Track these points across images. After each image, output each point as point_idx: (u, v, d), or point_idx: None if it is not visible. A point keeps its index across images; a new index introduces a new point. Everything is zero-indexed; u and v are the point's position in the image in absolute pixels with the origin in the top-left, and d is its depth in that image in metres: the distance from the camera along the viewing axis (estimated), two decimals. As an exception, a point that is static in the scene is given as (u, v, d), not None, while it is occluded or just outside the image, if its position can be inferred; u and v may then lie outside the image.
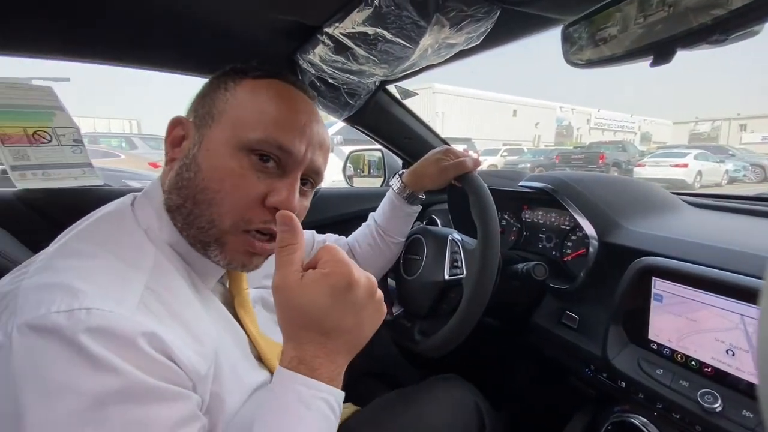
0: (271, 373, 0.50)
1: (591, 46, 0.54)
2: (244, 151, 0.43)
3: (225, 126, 0.44)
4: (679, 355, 0.59)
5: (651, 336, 0.62)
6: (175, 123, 0.48)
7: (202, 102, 0.47)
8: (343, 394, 0.40)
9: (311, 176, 0.50)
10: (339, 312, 0.38)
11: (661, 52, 0.45)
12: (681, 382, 0.57)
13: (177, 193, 0.44)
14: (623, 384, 0.66)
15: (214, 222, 0.43)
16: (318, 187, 0.54)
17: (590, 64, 0.56)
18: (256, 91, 0.46)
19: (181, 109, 0.51)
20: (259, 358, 0.50)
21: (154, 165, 5.57)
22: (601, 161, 12.10)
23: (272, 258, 0.46)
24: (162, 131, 0.49)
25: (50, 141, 0.89)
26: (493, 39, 0.63)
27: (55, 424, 0.28)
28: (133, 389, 0.31)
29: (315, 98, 0.52)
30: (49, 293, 0.32)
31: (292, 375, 0.37)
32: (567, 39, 0.58)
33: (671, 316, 0.60)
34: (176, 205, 0.44)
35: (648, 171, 10.42)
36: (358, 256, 0.84)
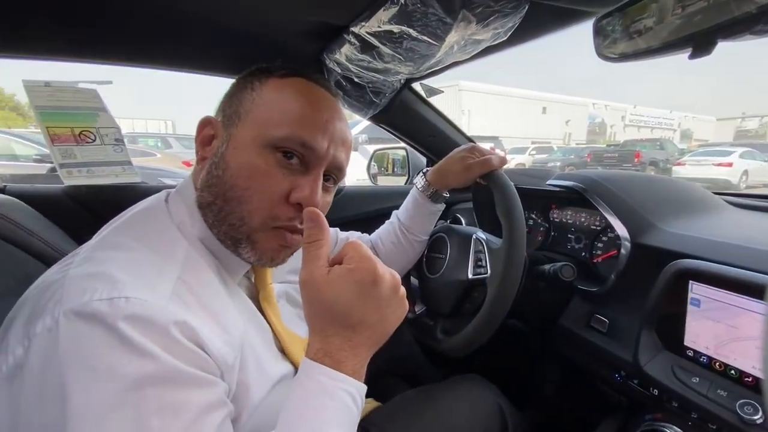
0: (294, 365, 0.51)
1: (625, 39, 0.52)
2: (270, 149, 0.44)
3: (251, 125, 0.46)
4: (717, 363, 0.56)
5: (687, 342, 0.59)
6: (205, 123, 0.49)
7: (230, 102, 0.49)
8: (365, 387, 0.40)
9: (334, 172, 0.50)
10: (364, 307, 0.39)
11: (700, 43, 0.43)
12: (719, 391, 0.54)
13: (208, 191, 0.45)
14: (656, 391, 0.63)
15: (244, 219, 0.44)
16: (342, 185, 0.55)
17: (624, 57, 0.54)
18: (280, 89, 0.47)
19: (212, 110, 0.53)
20: (282, 351, 0.52)
21: (187, 164, 5.79)
22: (636, 160, 11.55)
23: (297, 254, 0.48)
24: (195, 131, 0.51)
25: (94, 140, 0.94)
26: (521, 34, 0.62)
27: (95, 402, 0.30)
28: (168, 374, 0.33)
29: (338, 95, 0.53)
30: (91, 282, 0.34)
31: (318, 366, 0.38)
32: (599, 32, 0.56)
33: (709, 322, 0.57)
34: (207, 203, 0.45)
35: (688, 170, 9.84)
36: (382, 253, 0.84)
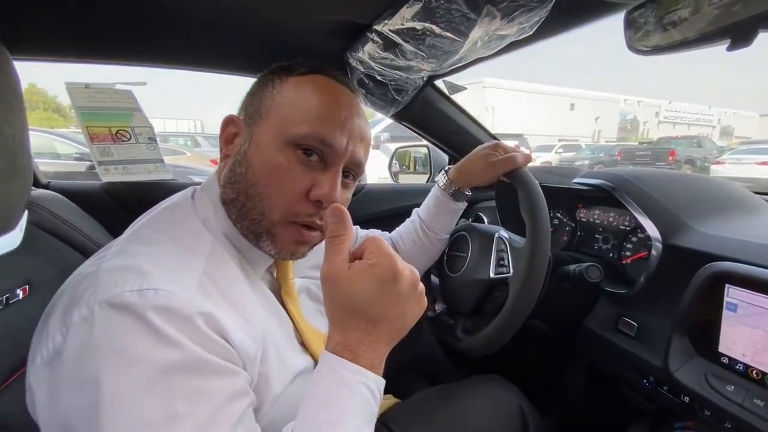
0: (314, 359, 0.52)
1: (658, 31, 0.50)
2: (290, 146, 0.45)
3: (272, 122, 0.47)
4: (754, 372, 0.53)
5: (722, 349, 0.57)
6: (228, 122, 0.50)
7: (252, 100, 0.50)
8: (383, 381, 0.41)
9: (353, 168, 0.51)
10: (383, 301, 0.39)
11: (739, 34, 0.40)
12: (755, 401, 0.51)
13: (231, 188, 0.47)
14: (687, 399, 0.61)
15: (264, 214, 0.45)
16: (364, 183, 0.56)
17: (657, 50, 0.52)
18: (300, 87, 0.48)
19: (238, 109, 0.54)
20: (303, 345, 0.53)
21: (215, 162, 5.95)
22: (671, 158, 11.03)
23: (318, 249, 0.48)
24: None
25: (129, 139, 0.99)
26: (548, 28, 0.60)
27: (126, 387, 0.32)
28: (194, 362, 0.34)
29: (358, 92, 0.54)
30: (123, 275, 0.36)
31: (337, 359, 0.39)
32: (631, 24, 0.54)
33: (747, 328, 0.54)
34: (230, 199, 0.47)
35: (728, 169, 9.28)
36: (402, 251, 0.84)
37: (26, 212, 0.55)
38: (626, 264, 0.87)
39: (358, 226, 0.84)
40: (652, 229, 0.72)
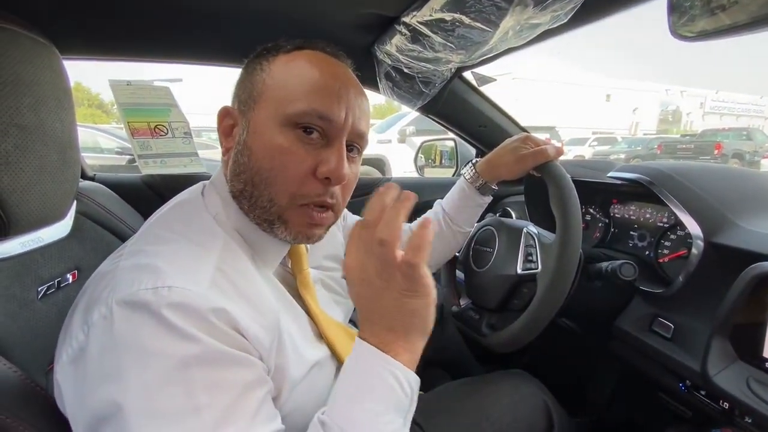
0: (331, 349, 0.53)
1: (705, 15, 0.47)
2: (289, 126, 0.44)
3: (266, 105, 0.45)
4: (804, 380, 0.50)
5: (766, 353, 0.53)
6: (223, 114, 0.49)
7: (242, 87, 0.48)
8: (415, 377, 0.42)
9: (356, 141, 0.49)
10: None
11: (799, 16, 0.37)
12: (805, 410, 0.48)
13: (237, 179, 0.46)
14: (726, 405, 0.58)
15: (273, 200, 0.45)
16: (388, 176, 0.55)
17: (704, 36, 0.48)
18: (289, 64, 0.46)
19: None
20: (319, 336, 0.53)
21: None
22: (716, 152, 10.30)
23: (330, 237, 0.48)
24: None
25: (167, 134, 1.04)
26: (584, 15, 0.58)
27: (148, 381, 0.33)
28: (211, 354, 0.35)
29: (348, 61, 0.51)
30: (138, 274, 0.37)
31: (369, 348, 0.40)
32: (675, 9, 0.50)
33: (797, 333, 0.50)
34: (239, 191, 0.46)
35: (781, 163, 8.64)
36: None
37: (75, 203, 0.59)
38: (663, 263, 0.83)
39: (347, 211, 0.82)
40: (693, 226, 0.68)
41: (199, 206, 0.47)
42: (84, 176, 0.97)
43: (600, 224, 0.99)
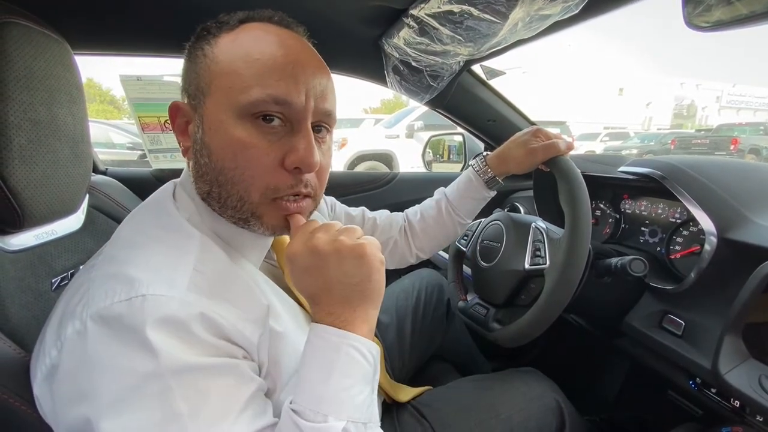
0: None
1: (721, 5, 0.46)
2: (246, 117, 0.40)
3: (217, 97, 0.40)
4: (820, 379, 0.48)
5: (781, 352, 0.52)
6: (174, 111, 0.45)
7: (188, 78, 0.43)
8: (377, 346, 0.41)
9: (323, 120, 0.44)
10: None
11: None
12: (819, 410, 0.47)
13: (202, 181, 0.43)
14: (737, 403, 0.57)
15: (243, 199, 0.41)
16: (396, 171, 0.54)
17: (720, 26, 0.47)
18: (233, 45, 0.41)
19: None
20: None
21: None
22: (733, 147, 10.02)
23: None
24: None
25: (176, 128, 1.05)
26: (596, 6, 0.57)
27: (123, 399, 0.32)
28: (189, 366, 0.33)
29: (300, 27, 0.46)
30: (111, 284, 0.35)
31: (322, 327, 0.40)
32: (690, -1, 0.49)
33: (813, 332, 0.49)
34: (206, 192, 0.43)
35: (800, 159, 8.40)
36: (417, 227, 0.81)
37: (87, 196, 0.60)
38: (675, 259, 0.81)
39: (335, 199, 0.81)
40: (706, 222, 0.67)
41: (171, 208, 0.44)
42: (96, 170, 0.98)
43: (610, 220, 0.98)
